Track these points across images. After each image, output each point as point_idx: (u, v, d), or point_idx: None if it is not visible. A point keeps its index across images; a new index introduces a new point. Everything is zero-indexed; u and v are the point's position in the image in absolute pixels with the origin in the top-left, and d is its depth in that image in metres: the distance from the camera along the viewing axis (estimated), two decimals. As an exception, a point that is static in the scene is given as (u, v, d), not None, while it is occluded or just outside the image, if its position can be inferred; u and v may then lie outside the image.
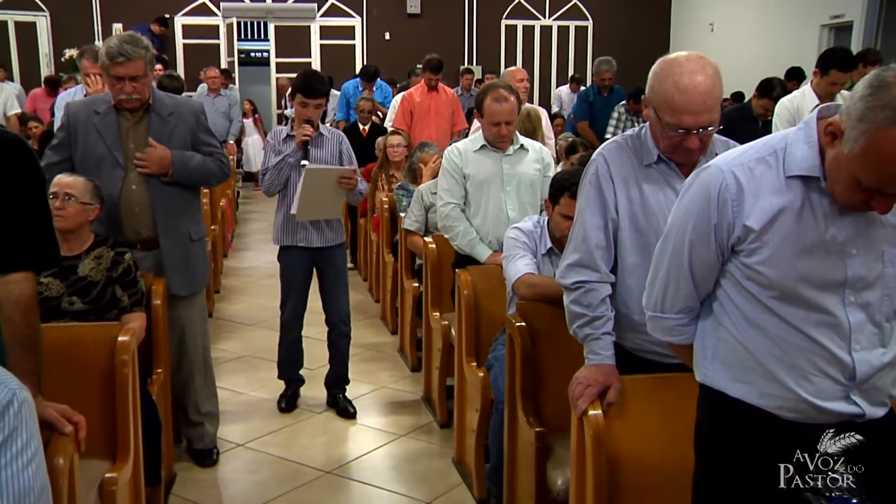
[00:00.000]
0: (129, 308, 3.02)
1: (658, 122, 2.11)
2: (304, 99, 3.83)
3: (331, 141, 3.96)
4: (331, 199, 3.83)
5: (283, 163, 3.83)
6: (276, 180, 3.87)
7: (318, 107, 3.87)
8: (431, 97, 6.77)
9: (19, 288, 1.86)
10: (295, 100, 3.88)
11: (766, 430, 1.70)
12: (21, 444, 1.61)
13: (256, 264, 7.47)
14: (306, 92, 3.83)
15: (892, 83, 1.40)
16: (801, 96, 5.01)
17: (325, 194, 3.77)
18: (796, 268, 1.61)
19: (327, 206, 3.86)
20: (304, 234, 3.92)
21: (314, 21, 12.63)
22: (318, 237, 3.93)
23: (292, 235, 3.93)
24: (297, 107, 3.88)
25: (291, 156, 3.82)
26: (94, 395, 2.47)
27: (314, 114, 3.88)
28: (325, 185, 3.74)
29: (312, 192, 3.71)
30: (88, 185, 3.04)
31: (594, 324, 2.24)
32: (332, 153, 3.94)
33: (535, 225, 3.06)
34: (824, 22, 9.63)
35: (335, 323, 4.08)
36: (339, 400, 4.13)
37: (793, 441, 1.67)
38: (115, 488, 2.35)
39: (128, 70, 3.10)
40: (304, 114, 3.87)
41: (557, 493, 2.55)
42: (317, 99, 3.84)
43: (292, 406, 4.12)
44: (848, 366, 1.65)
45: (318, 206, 3.80)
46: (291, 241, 3.94)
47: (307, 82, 3.86)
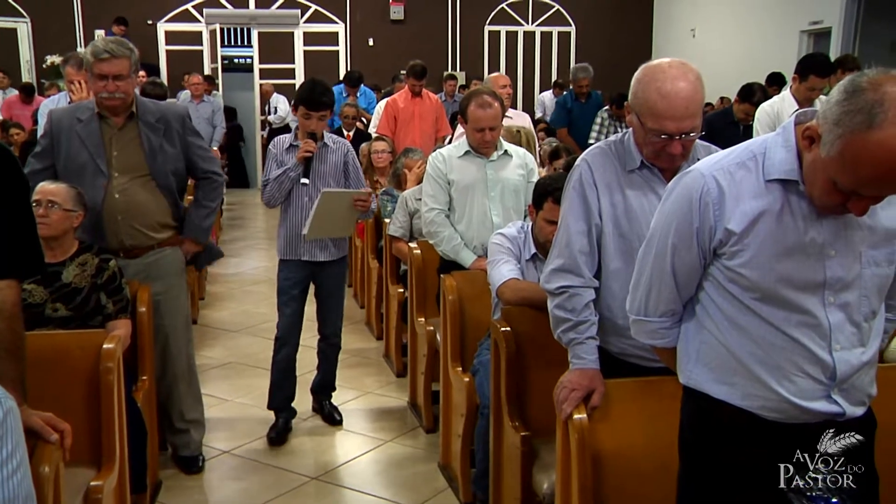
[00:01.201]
0: (113, 315, 3.02)
1: (641, 127, 2.13)
2: (308, 111, 3.70)
3: (336, 153, 3.82)
4: (343, 219, 3.74)
5: (284, 176, 3.71)
6: (277, 193, 3.75)
7: (321, 118, 3.73)
8: (415, 103, 6.79)
9: (2, 295, 1.86)
10: (298, 112, 3.75)
11: (749, 430, 1.72)
12: (6, 452, 1.61)
13: (241, 271, 7.45)
14: (310, 104, 3.69)
15: (866, 88, 1.43)
16: (781, 101, 5.07)
17: (338, 215, 3.68)
18: (777, 269, 1.64)
19: (339, 225, 3.77)
20: (307, 248, 3.81)
21: (297, 27, 12.62)
22: (323, 252, 3.83)
23: (296, 249, 3.82)
24: (300, 119, 3.75)
25: (293, 170, 3.70)
26: (80, 402, 2.47)
27: (318, 126, 3.73)
28: (339, 206, 3.65)
29: (326, 214, 3.61)
30: (72, 191, 3.03)
31: (578, 328, 2.25)
32: (336, 166, 3.81)
33: (520, 230, 3.08)
34: (804, 28, 9.73)
35: (327, 335, 4.01)
36: (325, 406, 4.09)
37: (775, 441, 1.70)
38: (101, 496, 2.34)
39: (112, 68, 3.10)
40: (308, 126, 3.73)
41: (543, 496, 2.56)
42: (321, 111, 3.71)
43: (283, 440, 3.85)
44: (829, 365, 1.67)
45: (330, 226, 3.71)
46: (295, 255, 3.83)
47: (311, 94, 3.71)
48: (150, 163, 3.23)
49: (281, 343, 3.90)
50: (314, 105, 3.68)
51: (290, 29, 12.60)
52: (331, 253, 3.85)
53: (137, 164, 3.23)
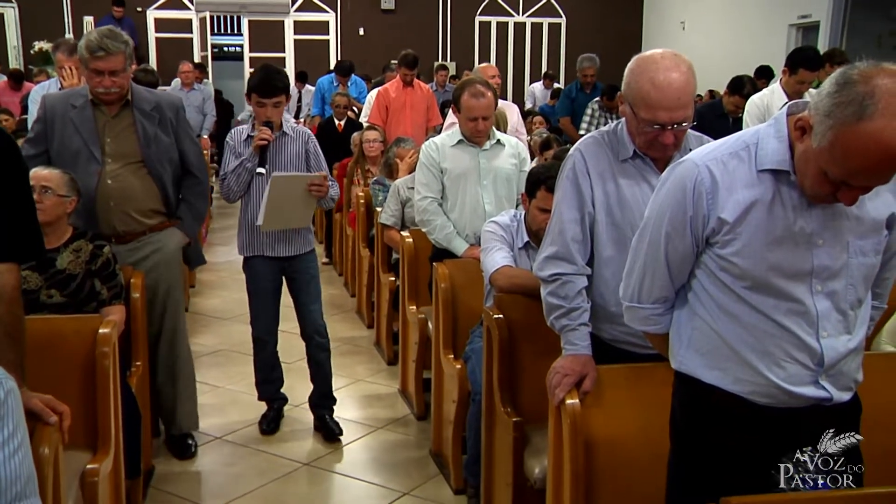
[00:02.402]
0: (108, 301, 3.02)
1: (634, 118, 2.17)
2: (260, 98, 3.48)
3: (295, 141, 3.60)
4: (300, 207, 3.51)
5: (241, 168, 3.50)
6: (235, 187, 3.55)
7: (276, 105, 3.49)
8: (407, 93, 6.79)
9: (3, 279, 1.87)
10: (251, 100, 3.54)
11: (738, 414, 1.76)
12: (7, 433, 1.63)
13: (231, 259, 7.42)
14: (262, 90, 3.47)
15: (857, 81, 1.46)
16: (771, 94, 5.12)
17: (293, 203, 3.46)
18: (767, 258, 1.68)
19: (296, 214, 3.54)
20: (269, 243, 3.61)
21: (288, 16, 12.60)
22: (286, 246, 3.63)
23: (257, 245, 3.63)
24: (254, 107, 3.54)
25: (249, 160, 3.49)
26: (75, 386, 2.48)
27: (273, 114, 3.49)
28: (293, 192, 3.43)
29: (279, 201, 3.39)
30: (65, 177, 3.03)
31: (571, 315, 2.29)
32: (296, 155, 3.59)
33: (512, 219, 3.11)
34: (792, 21, 9.81)
35: (310, 335, 3.76)
36: (327, 422, 3.79)
37: (764, 425, 1.74)
38: (97, 479, 2.36)
39: (108, 64, 3.10)
40: (262, 114, 3.50)
41: (535, 481, 2.60)
42: (274, 97, 3.47)
43: (275, 428, 3.81)
44: (816, 352, 1.71)
45: (286, 215, 3.49)
46: (256, 251, 3.64)
47: (262, 80, 3.50)
48: (144, 150, 3.25)
49: (260, 345, 3.76)
50: (267, 91, 3.47)
51: (280, 17, 12.59)
52: (294, 247, 3.64)
53: (131, 152, 3.25)
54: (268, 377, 3.82)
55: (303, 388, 4.18)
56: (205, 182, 3.52)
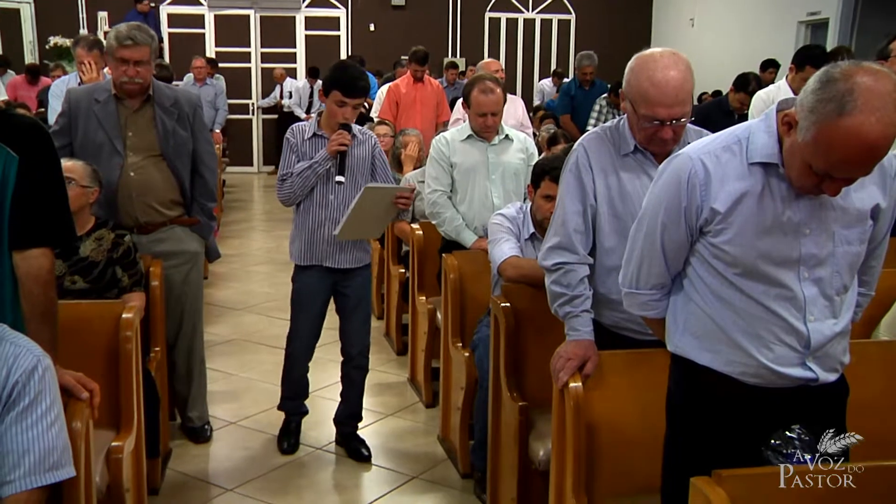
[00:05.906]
0: (128, 288, 3.14)
1: (634, 114, 2.26)
2: (343, 97, 3.19)
3: (363, 145, 3.34)
4: (380, 218, 3.33)
5: (311, 171, 3.23)
6: (299, 191, 3.26)
7: (356, 107, 3.25)
8: (417, 88, 6.89)
9: (38, 263, 1.98)
10: (329, 97, 3.23)
11: (730, 394, 1.85)
12: (45, 406, 1.75)
13: (243, 252, 7.57)
14: (348, 89, 3.18)
15: (838, 79, 1.56)
16: (777, 90, 5.18)
17: (375, 214, 3.25)
18: (757, 246, 1.77)
19: (373, 225, 3.37)
20: (330, 252, 3.34)
21: (299, 11, 12.69)
22: (346, 257, 3.37)
23: (316, 254, 3.35)
24: (332, 105, 3.23)
25: (321, 165, 3.23)
26: (99, 369, 2.57)
27: (352, 115, 3.24)
28: (379, 204, 3.21)
29: (364, 212, 3.17)
30: (87, 168, 3.15)
31: (573, 302, 2.38)
32: (363, 159, 3.34)
33: (518, 211, 3.20)
34: (801, 19, 9.83)
35: (353, 356, 3.51)
36: (352, 440, 3.60)
37: (755, 404, 1.84)
38: (122, 456, 2.47)
39: (133, 54, 3.22)
40: (340, 114, 3.21)
41: (539, 463, 2.70)
42: (357, 98, 3.22)
43: (294, 447, 3.57)
44: (804, 335, 1.81)
45: (365, 225, 3.28)
46: (314, 260, 3.36)
47: (351, 78, 3.21)
48: (163, 144, 3.36)
49: (293, 362, 3.51)
50: (352, 91, 3.20)
51: (291, 13, 12.67)
52: (356, 259, 3.40)
53: (151, 145, 3.37)
54: (295, 394, 3.60)
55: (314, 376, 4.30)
56: (211, 182, 3.60)
